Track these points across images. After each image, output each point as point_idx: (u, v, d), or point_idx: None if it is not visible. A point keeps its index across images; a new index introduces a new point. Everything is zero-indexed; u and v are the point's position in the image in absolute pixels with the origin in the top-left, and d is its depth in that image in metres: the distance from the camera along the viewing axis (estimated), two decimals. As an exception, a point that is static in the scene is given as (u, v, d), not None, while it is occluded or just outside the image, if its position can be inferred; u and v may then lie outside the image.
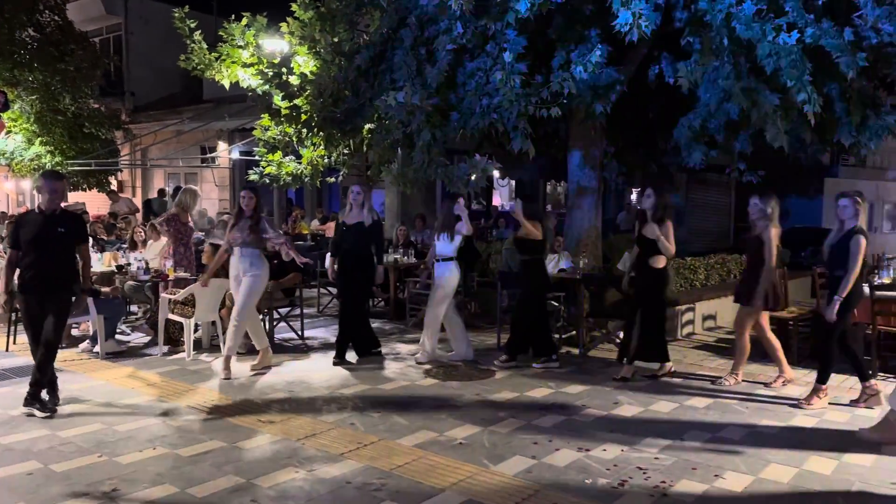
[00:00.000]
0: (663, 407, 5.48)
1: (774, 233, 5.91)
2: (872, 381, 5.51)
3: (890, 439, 4.61)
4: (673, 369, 6.42)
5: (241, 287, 6.25)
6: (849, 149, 7.17)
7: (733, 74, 6.39)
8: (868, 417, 5.05)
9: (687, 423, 5.09)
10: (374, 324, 8.81)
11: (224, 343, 6.40)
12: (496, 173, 13.56)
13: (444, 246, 6.77)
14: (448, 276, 6.77)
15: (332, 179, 10.71)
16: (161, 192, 17.08)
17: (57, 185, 5.12)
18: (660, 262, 6.06)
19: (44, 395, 5.12)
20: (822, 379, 5.48)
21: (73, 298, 5.22)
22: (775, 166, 9.77)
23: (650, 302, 6.19)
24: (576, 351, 7.30)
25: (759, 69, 6.34)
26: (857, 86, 6.54)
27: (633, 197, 17.50)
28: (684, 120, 7.34)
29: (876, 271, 5.45)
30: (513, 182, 18.63)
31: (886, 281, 5.29)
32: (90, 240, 9.56)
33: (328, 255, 7.22)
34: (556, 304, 7.66)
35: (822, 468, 4.24)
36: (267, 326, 7.65)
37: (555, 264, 8.08)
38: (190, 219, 7.88)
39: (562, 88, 6.77)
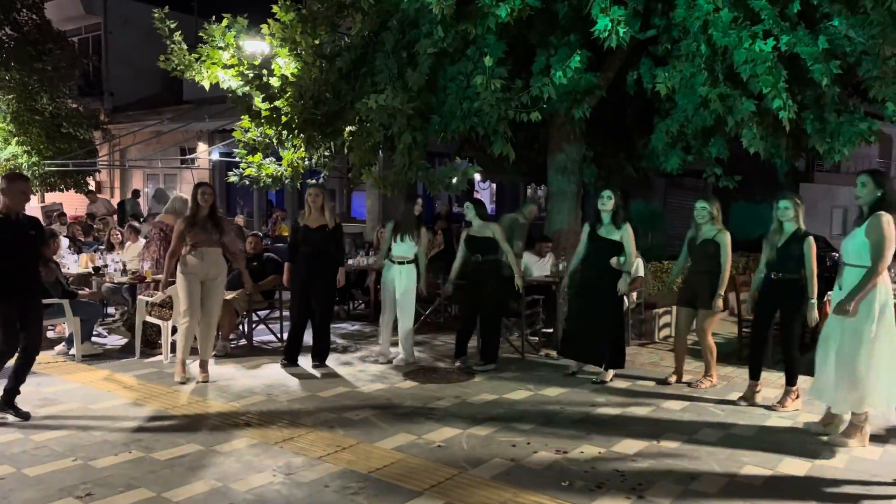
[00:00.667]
0: (640, 409, 5.53)
1: (728, 236, 6.00)
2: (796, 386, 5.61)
3: (859, 442, 4.70)
4: (613, 378, 6.35)
5: (211, 292, 6.09)
6: (823, 155, 7.29)
7: (710, 81, 6.49)
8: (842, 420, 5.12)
9: (663, 425, 5.13)
10: (354, 326, 8.85)
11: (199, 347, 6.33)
12: (477, 176, 13.64)
13: (408, 248, 6.77)
14: (413, 278, 6.79)
15: (313, 181, 10.66)
16: (135, 192, 16.93)
17: (25, 186, 5.03)
18: (616, 264, 6.14)
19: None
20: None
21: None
22: (751, 171, 9.90)
23: (613, 304, 6.22)
24: (555, 353, 7.33)
25: (735, 76, 6.44)
26: (831, 92, 6.66)
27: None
28: (662, 125, 7.44)
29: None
30: (494, 185, 18.73)
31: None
32: (67, 241, 9.50)
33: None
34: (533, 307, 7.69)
35: (796, 470, 4.30)
36: (245, 329, 7.63)
37: (540, 267, 8.10)
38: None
39: (541, 93, 6.83)
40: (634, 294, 7.94)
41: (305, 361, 6.78)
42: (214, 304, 6.15)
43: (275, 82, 8.65)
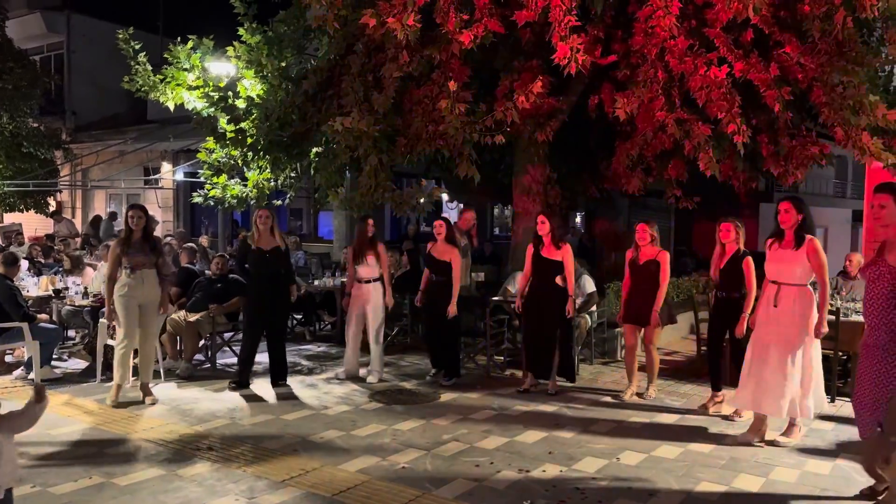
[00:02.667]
0: (602, 427, 5.61)
1: (668, 255, 6.41)
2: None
3: (797, 438, 5.16)
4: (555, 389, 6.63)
5: (150, 315, 6.10)
6: (777, 177, 7.52)
7: (667, 106, 6.67)
8: (798, 444, 5.26)
9: (624, 443, 5.22)
10: (320, 347, 8.82)
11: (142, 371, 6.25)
12: (444, 196, 13.73)
13: (372, 269, 6.93)
14: (380, 297, 6.99)
15: (279, 202, 10.68)
16: (113, 214, 16.73)
17: None
18: (561, 281, 6.46)
19: None
20: (715, 387, 6.06)
21: None
22: (712, 192, 10.15)
23: (563, 319, 6.47)
24: (519, 373, 7.39)
25: (691, 101, 6.64)
26: (784, 117, 6.89)
27: (578, 221, 17.89)
28: (623, 148, 7.60)
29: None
30: (461, 205, 18.86)
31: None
32: (27, 263, 9.33)
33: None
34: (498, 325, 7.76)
35: (751, 486, 4.41)
36: (209, 352, 7.57)
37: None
38: None
39: (505, 117, 6.95)
40: (596, 314, 8.05)
41: (260, 384, 6.75)
42: (153, 327, 6.21)
43: (240, 104, 8.67)
